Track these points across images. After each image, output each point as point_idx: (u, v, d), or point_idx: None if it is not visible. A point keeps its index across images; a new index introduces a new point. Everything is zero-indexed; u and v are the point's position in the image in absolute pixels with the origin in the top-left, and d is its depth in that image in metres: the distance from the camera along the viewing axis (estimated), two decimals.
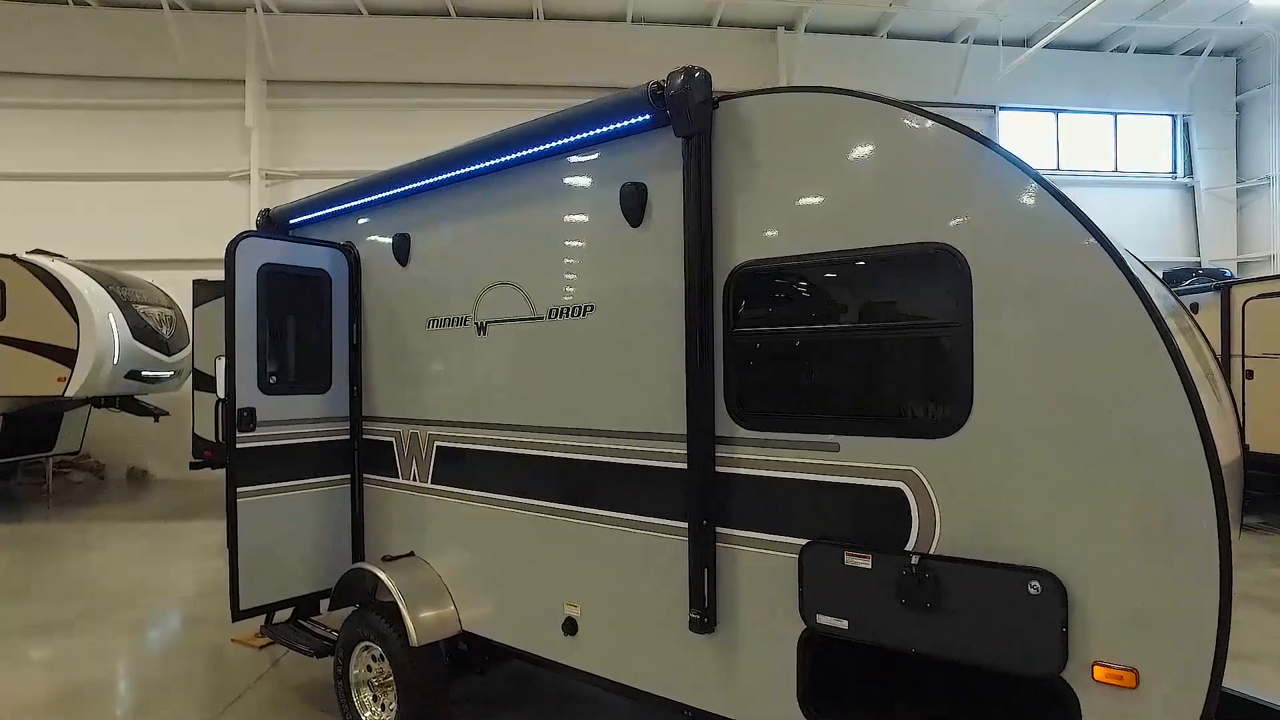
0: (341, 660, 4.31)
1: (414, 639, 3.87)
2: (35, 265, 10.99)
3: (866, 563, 2.67)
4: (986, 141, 2.56)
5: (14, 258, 11.00)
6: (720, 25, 15.34)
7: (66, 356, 10.80)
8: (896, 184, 2.68)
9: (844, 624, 2.72)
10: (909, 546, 2.61)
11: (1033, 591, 2.35)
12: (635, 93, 3.07)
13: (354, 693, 4.29)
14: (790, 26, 15.50)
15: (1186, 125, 17.09)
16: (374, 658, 4.19)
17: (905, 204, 2.65)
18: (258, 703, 4.92)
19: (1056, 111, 16.73)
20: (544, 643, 3.66)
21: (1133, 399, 2.25)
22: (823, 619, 2.76)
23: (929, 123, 2.65)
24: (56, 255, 11.66)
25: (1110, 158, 16.96)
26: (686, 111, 2.94)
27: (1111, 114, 16.93)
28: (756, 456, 2.93)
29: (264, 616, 4.59)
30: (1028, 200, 2.45)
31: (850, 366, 2.92)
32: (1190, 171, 17.07)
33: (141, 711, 4.88)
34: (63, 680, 5.33)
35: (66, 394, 10.87)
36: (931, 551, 2.56)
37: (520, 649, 3.81)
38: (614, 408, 3.35)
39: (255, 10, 14.37)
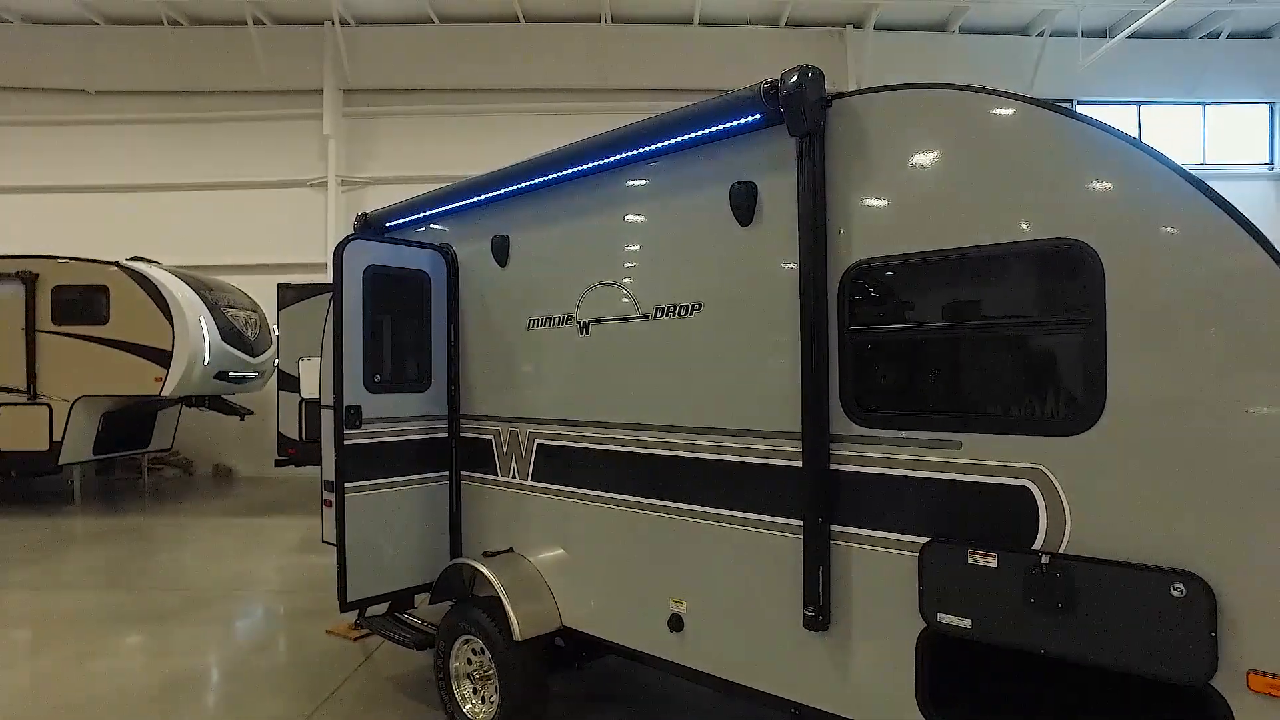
0: (442, 653, 4.41)
1: (517, 633, 3.94)
2: (135, 271, 11.57)
3: (992, 562, 2.63)
4: (1117, 133, 2.50)
5: (117, 265, 11.60)
6: (788, 25, 15.25)
7: (163, 358, 11.33)
8: (1020, 179, 2.64)
9: (967, 623, 2.68)
10: (1037, 545, 2.56)
11: (1176, 594, 2.28)
12: (747, 92, 3.08)
13: (455, 684, 4.39)
14: (859, 24, 15.31)
15: None
16: (474, 651, 4.29)
17: (1030, 199, 2.60)
18: (356, 694, 5.07)
19: (1139, 103, 16.14)
20: (648, 639, 3.69)
21: None
22: (944, 618, 2.73)
23: (1054, 115, 2.60)
24: (153, 262, 12.24)
25: (1198, 149, 16.27)
26: (801, 110, 2.93)
27: (1200, 104, 16.24)
28: (873, 454, 2.92)
29: (356, 610, 4.73)
30: (1166, 192, 2.38)
31: (973, 363, 2.88)
32: None
33: (244, 701, 5.07)
34: (166, 669, 5.59)
35: (163, 393, 11.41)
36: (1061, 551, 2.51)
37: (623, 645, 3.85)
38: (722, 405, 3.36)
39: (333, 23, 14.86)
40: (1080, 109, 15.82)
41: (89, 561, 8.97)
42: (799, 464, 3.03)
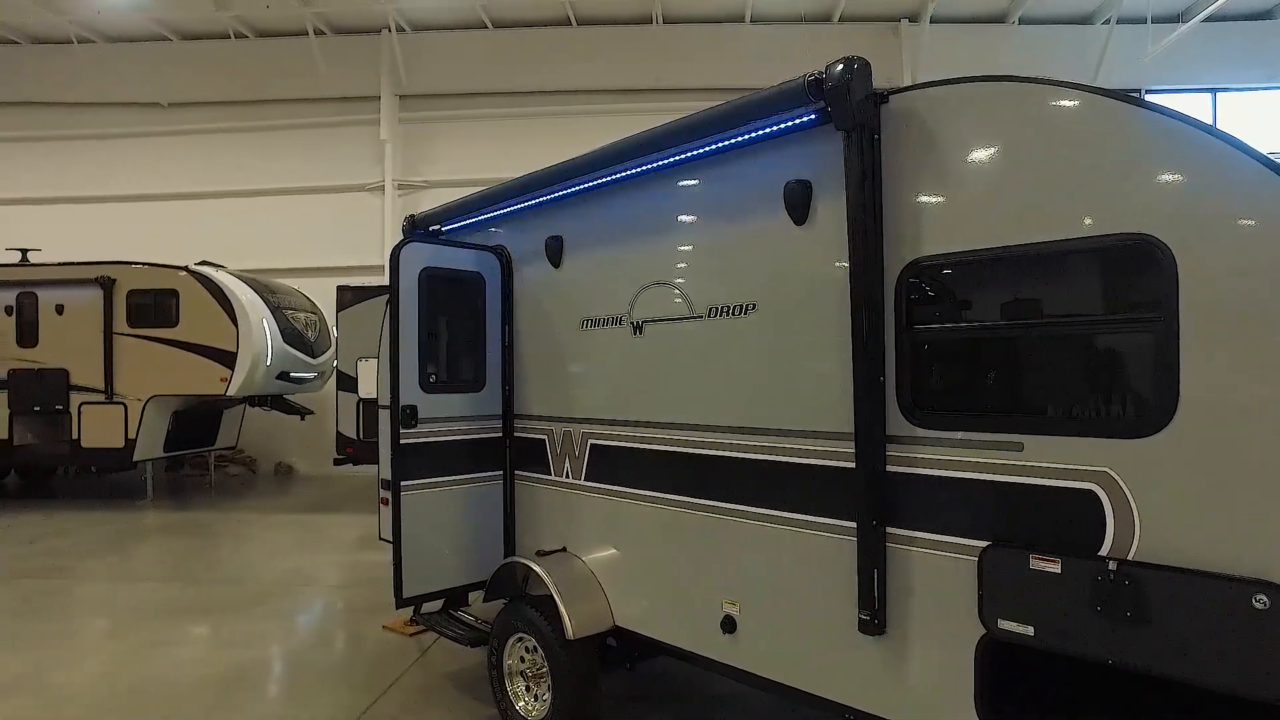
0: (495, 650, 4.46)
1: (570, 632, 3.96)
2: (202, 275, 12.02)
3: (1055, 567, 2.55)
4: (1189, 119, 2.40)
5: (186, 269, 12.07)
6: (841, 20, 15.04)
7: (228, 359, 11.74)
8: (1085, 171, 2.55)
9: (1029, 630, 2.60)
10: (1103, 552, 2.47)
11: (1258, 605, 2.17)
12: (791, 85, 2.98)
13: (508, 682, 4.43)
14: (914, 18, 15.02)
15: None
16: (528, 649, 4.32)
17: (1096, 192, 2.51)
18: (412, 688, 5.16)
19: (1214, 90, 15.45)
20: (701, 640, 3.68)
21: None
22: (1005, 624, 2.65)
23: (1120, 104, 2.51)
24: (219, 266, 12.68)
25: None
26: (847, 104, 2.84)
27: None
28: (931, 455, 2.85)
29: (412, 606, 4.81)
30: (1243, 181, 2.27)
31: (1036, 363, 2.79)
32: None
33: (304, 692, 5.21)
34: (231, 659, 5.77)
35: (228, 393, 11.83)
36: (1130, 557, 2.41)
37: (675, 646, 3.84)
38: (776, 406, 3.33)
39: (389, 30, 15.20)
40: (1149, 99, 15.20)
41: (160, 554, 9.34)
42: (854, 465, 2.98)
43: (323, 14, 15.21)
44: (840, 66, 2.83)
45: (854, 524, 3.00)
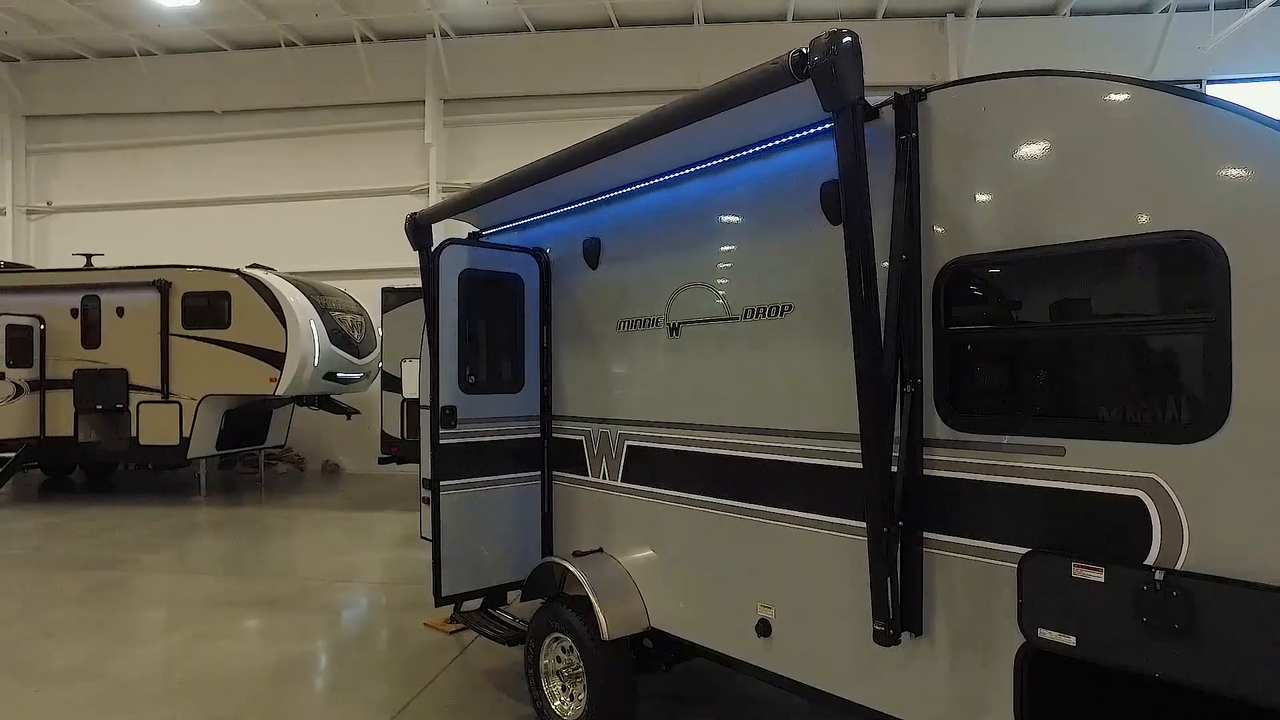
0: (532, 649, 4.50)
1: (605, 633, 3.98)
2: (253, 278, 12.35)
3: (1098, 576, 2.47)
4: (1245, 112, 2.30)
5: (237, 272, 12.41)
6: (885, 17, 14.84)
7: (277, 359, 12.05)
8: (1131, 168, 2.47)
9: (1071, 640, 2.53)
10: (1149, 561, 2.39)
11: None
12: (776, 65, 2.70)
13: (544, 681, 4.46)
14: (960, 13, 14.74)
15: None
16: (564, 649, 4.35)
17: (1145, 190, 2.43)
18: (451, 685, 5.23)
19: None
20: (735, 643, 3.66)
21: None
22: (1045, 633, 2.58)
23: (1170, 97, 2.43)
24: (268, 269, 13.01)
25: None
26: (834, 82, 2.55)
27: None
28: (969, 459, 2.80)
29: (451, 604, 4.87)
30: None
31: (1078, 365, 2.71)
32: None
33: (348, 686, 5.32)
34: (277, 652, 5.93)
35: (277, 392, 12.13)
36: (1178, 567, 2.33)
37: (710, 648, 3.83)
38: (812, 408, 3.30)
39: (434, 35, 15.43)
40: (1209, 90, 14.73)
41: (212, 549, 9.61)
42: (893, 468, 2.93)
43: (369, 21, 15.51)
44: (825, 41, 2.57)
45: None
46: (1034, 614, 2.60)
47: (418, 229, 5.03)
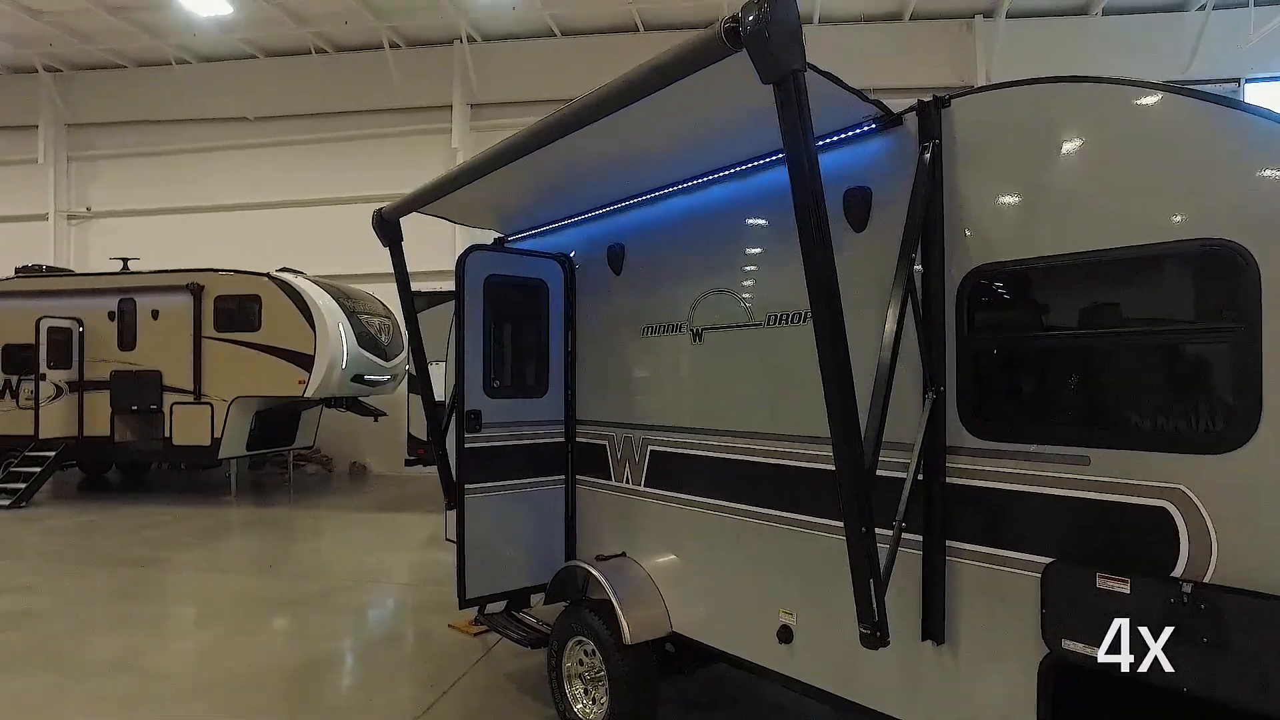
0: (555, 652, 4.52)
1: (627, 637, 3.99)
2: (282, 281, 12.55)
3: (1124, 588, 2.45)
4: (1277, 118, 2.27)
5: (268, 276, 12.61)
6: (912, 19, 14.72)
7: (306, 362, 12.22)
8: (1159, 175, 2.45)
9: (1096, 653, 2.50)
10: (1177, 573, 2.36)
11: None
12: (709, 33, 2.46)
13: (566, 684, 4.48)
14: (989, 14, 14.59)
15: None
16: (586, 652, 4.37)
17: (1172, 197, 2.41)
18: (475, 687, 5.27)
19: None
20: (756, 649, 3.66)
21: None
22: (1070, 645, 2.55)
23: (1198, 103, 2.40)
24: (298, 272, 13.21)
25: None
26: (769, 51, 2.30)
27: None
28: (991, 468, 2.78)
29: (476, 606, 4.91)
30: None
31: (1104, 374, 2.69)
32: None
33: (374, 685, 5.38)
34: (306, 650, 6.03)
35: (306, 394, 12.31)
36: (1206, 580, 2.30)
37: (731, 654, 3.83)
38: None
39: (461, 41, 15.59)
40: (1248, 88, 14.40)
41: (242, 548, 9.78)
42: (917, 475, 2.92)
43: (397, 27, 15.71)
44: (756, 5, 2.30)
45: (918, 536, 2.94)
46: (1058, 625, 2.58)
47: (384, 224, 4.84)
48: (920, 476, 2.90)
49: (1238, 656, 2.22)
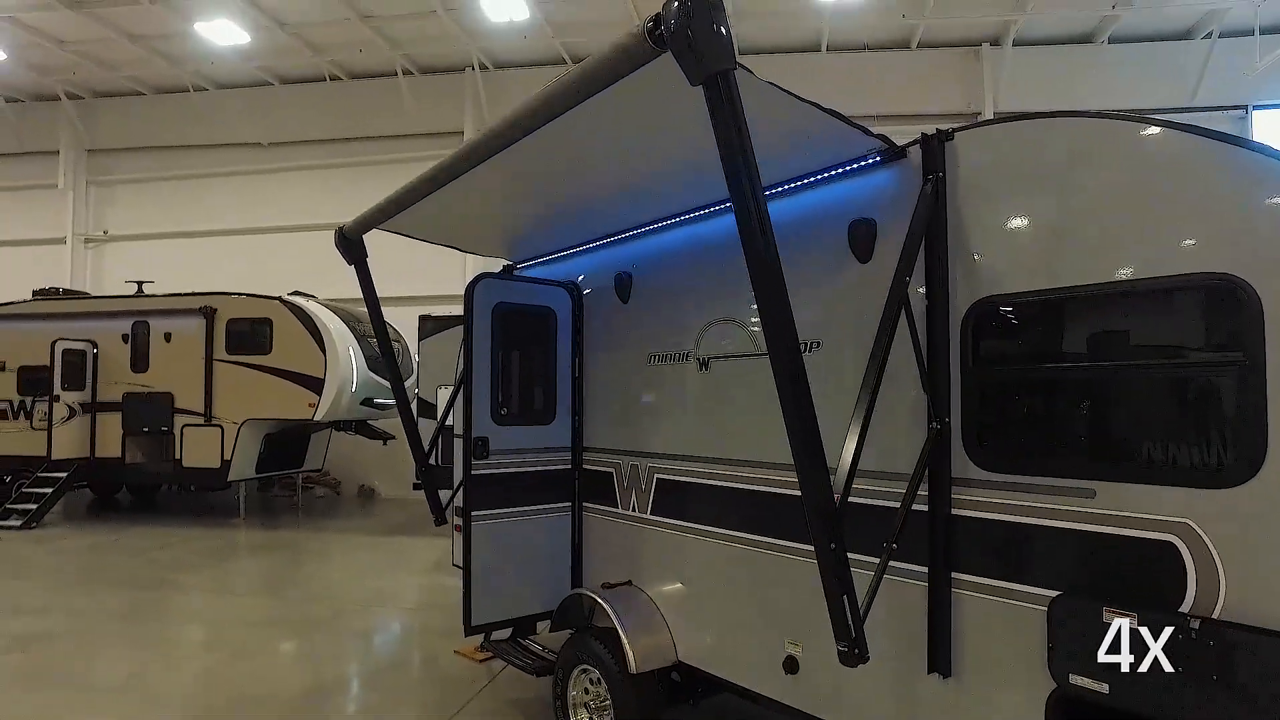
0: (560, 680, 4.50)
1: (633, 666, 3.98)
2: (294, 305, 12.66)
3: (1131, 623, 2.43)
4: (1278, 155, 2.29)
5: (279, 299, 12.72)
6: (920, 47, 14.85)
7: (316, 385, 12.29)
8: (1162, 210, 2.47)
9: (1104, 688, 2.48)
10: (1185, 608, 2.34)
11: None
12: (632, 36, 2.33)
13: (571, 713, 4.46)
14: (996, 42, 14.69)
15: None
16: (592, 681, 4.35)
17: (1175, 232, 2.43)
18: (480, 713, 5.25)
19: None
20: (763, 680, 3.64)
21: None
22: (1077, 680, 2.54)
23: (1200, 140, 2.43)
24: (309, 296, 13.32)
25: None
26: (693, 51, 2.15)
27: None
28: (996, 499, 2.78)
29: (482, 633, 4.89)
30: None
31: (1108, 407, 2.69)
32: None
33: (380, 710, 5.37)
34: (312, 674, 6.02)
35: (315, 417, 12.36)
36: (1215, 616, 2.28)
37: (737, 684, 3.81)
38: (840, 444, 3.29)
39: (473, 69, 15.82)
40: (1256, 116, 14.43)
41: (250, 570, 9.79)
42: (921, 507, 2.92)
43: (411, 55, 15.95)
44: (677, 4, 2.16)
45: (923, 568, 2.93)
46: (1065, 659, 2.56)
47: (347, 243, 4.72)
48: (922, 507, 2.91)
49: (1247, 695, 2.20)
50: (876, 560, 2.88)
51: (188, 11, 14.03)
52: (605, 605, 4.18)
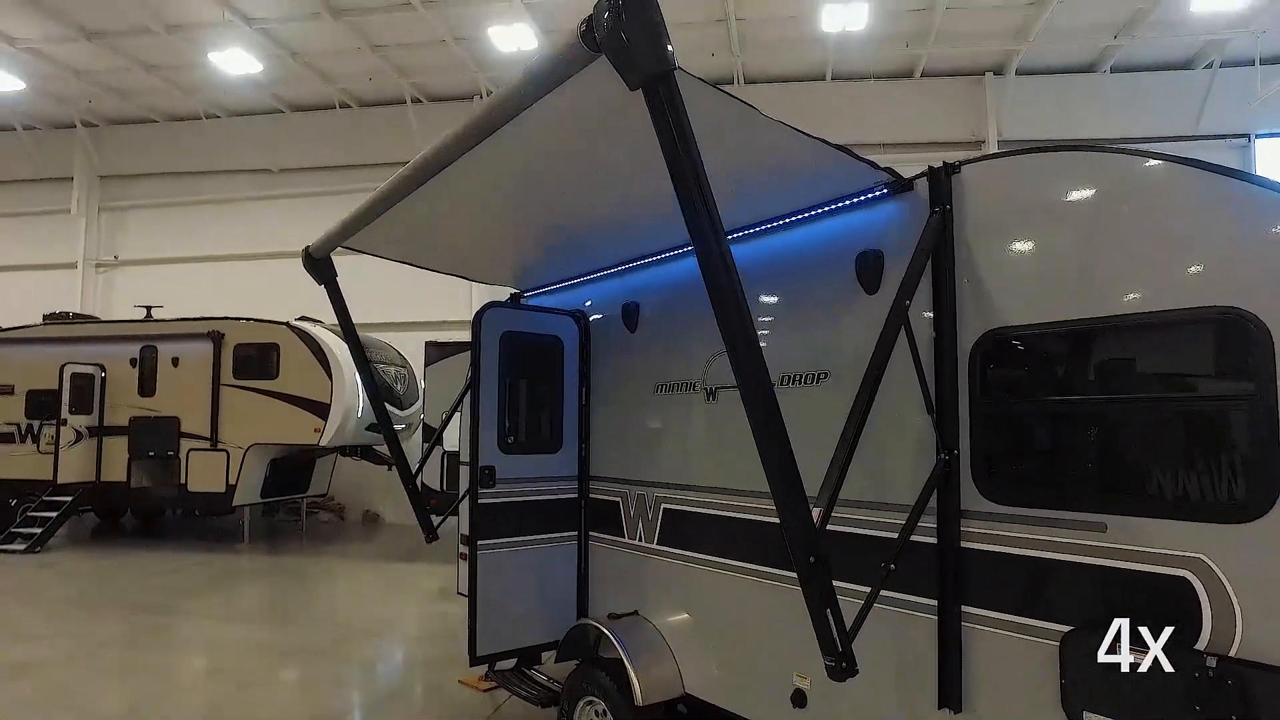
0: (565, 712, 4.45)
1: (639, 698, 3.93)
2: (301, 330, 12.70)
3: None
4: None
5: (287, 325, 12.78)
6: (923, 76, 14.98)
7: (322, 410, 12.30)
8: (1169, 244, 2.48)
9: None
10: (1201, 645, 2.31)
11: None
12: (567, 40, 2.24)
13: None
14: (999, 71, 14.82)
15: None
16: (597, 713, 4.30)
17: (1182, 266, 2.44)
18: None
19: None
20: (770, 713, 3.60)
21: None
22: (1091, 717, 2.50)
23: (1205, 173, 2.44)
24: (316, 321, 13.38)
25: None
26: (627, 54, 2.07)
27: None
28: (1005, 533, 2.76)
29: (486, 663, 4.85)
30: None
31: (1119, 440, 2.68)
32: None
33: None
34: (316, 703, 5.97)
35: (321, 442, 12.35)
36: (1232, 654, 2.26)
37: (744, 717, 3.76)
38: (848, 476, 3.27)
39: (480, 96, 15.99)
40: (1258, 144, 14.50)
41: (254, 596, 9.73)
42: (930, 540, 2.90)
43: (419, 84, 16.15)
44: (608, 5, 2.05)
45: (932, 601, 2.91)
46: (1078, 696, 2.53)
47: (314, 263, 4.71)
48: (931, 539, 2.89)
49: None
50: (885, 592, 2.85)
51: (202, 42, 14.25)
52: (611, 636, 4.14)
